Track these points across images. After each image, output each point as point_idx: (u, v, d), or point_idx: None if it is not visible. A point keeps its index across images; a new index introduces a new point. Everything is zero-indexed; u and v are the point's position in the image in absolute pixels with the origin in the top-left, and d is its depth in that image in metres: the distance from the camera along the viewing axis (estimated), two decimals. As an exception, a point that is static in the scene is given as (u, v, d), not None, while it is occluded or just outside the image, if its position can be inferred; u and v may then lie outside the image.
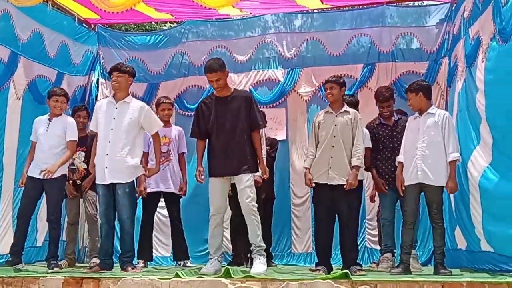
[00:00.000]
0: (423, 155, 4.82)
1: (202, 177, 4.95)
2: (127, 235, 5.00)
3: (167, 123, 6.13)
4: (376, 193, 5.94)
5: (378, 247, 6.35)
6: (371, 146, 5.65)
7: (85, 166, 5.91)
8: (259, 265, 4.62)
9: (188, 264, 5.93)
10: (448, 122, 4.87)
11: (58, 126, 5.46)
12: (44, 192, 5.40)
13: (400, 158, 5.05)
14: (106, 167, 4.96)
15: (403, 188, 4.95)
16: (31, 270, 5.23)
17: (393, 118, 5.69)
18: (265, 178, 5.15)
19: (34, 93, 6.73)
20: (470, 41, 5.55)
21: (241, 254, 5.84)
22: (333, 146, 4.94)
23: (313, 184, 4.97)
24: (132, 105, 5.14)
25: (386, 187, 5.53)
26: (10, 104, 6.35)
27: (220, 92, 4.94)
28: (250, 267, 4.83)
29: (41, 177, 5.24)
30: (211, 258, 4.82)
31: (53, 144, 5.39)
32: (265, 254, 4.81)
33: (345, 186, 4.85)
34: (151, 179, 5.81)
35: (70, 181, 5.97)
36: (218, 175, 4.83)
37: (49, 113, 5.55)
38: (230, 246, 6.33)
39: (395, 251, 5.54)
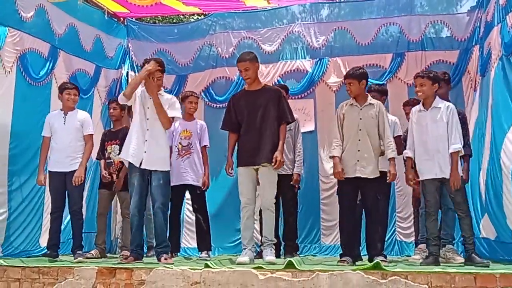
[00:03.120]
0: (437, 149, 4.77)
1: (232, 171, 5.07)
2: (160, 225, 5.03)
3: (191, 117, 6.18)
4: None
5: (409, 240, 6.32)
6: (401, 134, 5.64)
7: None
8: (270, 255, 4.84)
9: (203, 255, 5.86)
10: (452, 114, 4.81)
11: (74, 119, 5.58)
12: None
13: (408, 153, 4.95)
14: (145, 152, 5.00)
15: (413, 183, 5.00)
16: (65, 260, 5.35)
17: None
18: (274, 167, 4.98)
19: None
20: (508, 29, 5.36)
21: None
22: (359, 140, 4.96)
23: (343, 177, 4.94)
24: (164, 97, 5.16)
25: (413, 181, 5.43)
26: (54, 98, 6.45)
27: (250, 86, 5.10)
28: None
29: (63, 170, 5.43)
30: (244, 249, 4.98)
31: (71, 138, 5.52)
32: (274, 247, 4.99)
33: (388, 179, 4.91)
34: (173, 173, 5.84)
35: (107, 175, 6.09)
36: (243, 164, 5.00)
37: (62, 108, 5.66)
38: (259, 237, 6.35)
39: None
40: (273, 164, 4.89)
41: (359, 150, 4.93)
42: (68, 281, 4.39)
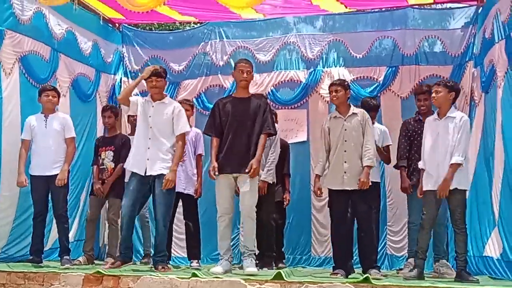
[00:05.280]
0: (446, 160, 4.64)
1: (216, 173, 4.93)
2: (161, 234, 5.04)
3: None
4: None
5: (400, 254, 6.28)
6: (391, 143, 5.73)
7: (113, 166, 6.03)
8: (251, 266, 4.76)
9: (193, 264, 5.86)
10: (464, 125, 4.68)
11: (55, 122, 5.53)
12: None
13: (420, 164, 4.86)
14: (148, 159, 5.02)
15: (421, 194, 4.79)
16: (52, 266, 5.28)
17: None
18: (250, 175, 4.85)
19: (78, 91, 6.88)
20: None
21: (264, 254, 5.78)
22: (345, 151, 4.95)
23: (321, 194, 5.03)
24: (169, 105, 5.18)
25: (412, 189, 5.43)
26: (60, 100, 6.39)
27: (239, 92, 5.11)
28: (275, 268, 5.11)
29: (46, 174, 5.38)
30: (221, 259, 4.91)
31: (53, 141, 5.47)
32: (255, 257, 4.92)
33: (358, 186, 4.85)
34: None
35: (100, 181, 6.05)
36: (224, 172, 4.91)
37: (42, 111, 5.59)
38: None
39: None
40: (247, 171, 4.80)
41: (345, 162, 4.92)
42: (54, 287, 4.34)
